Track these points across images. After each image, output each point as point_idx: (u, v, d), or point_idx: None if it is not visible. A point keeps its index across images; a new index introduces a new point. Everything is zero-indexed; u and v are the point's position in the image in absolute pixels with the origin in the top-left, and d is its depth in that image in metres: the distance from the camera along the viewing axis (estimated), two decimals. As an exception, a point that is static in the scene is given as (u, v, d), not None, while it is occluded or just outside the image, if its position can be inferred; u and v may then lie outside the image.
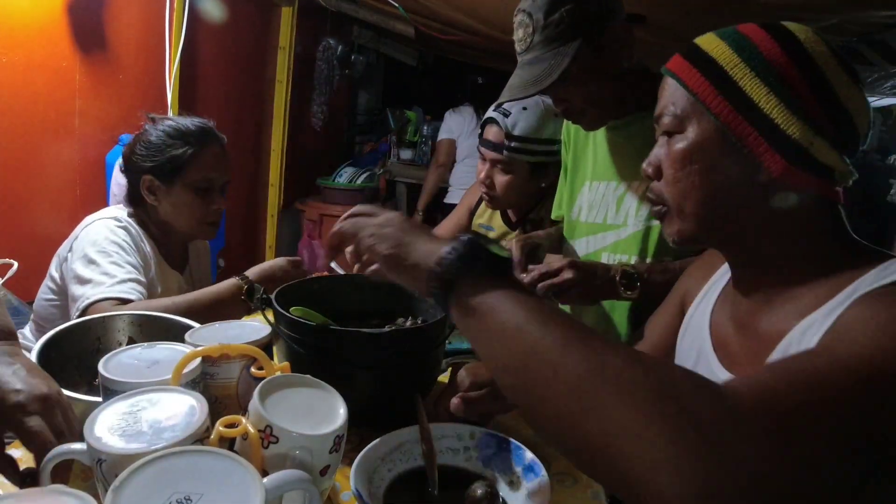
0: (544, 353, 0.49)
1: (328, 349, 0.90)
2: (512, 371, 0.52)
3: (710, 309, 0.83)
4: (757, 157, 0.64)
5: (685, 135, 0.68)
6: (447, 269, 0.58)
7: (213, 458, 0.56)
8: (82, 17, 1.84)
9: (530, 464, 0.78)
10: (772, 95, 0.63)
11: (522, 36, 1.10)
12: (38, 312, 1.41)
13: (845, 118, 0.64)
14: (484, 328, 0.55)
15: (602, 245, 1.26)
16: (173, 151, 1.36)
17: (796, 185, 0.64)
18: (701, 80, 0.67)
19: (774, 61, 0.64)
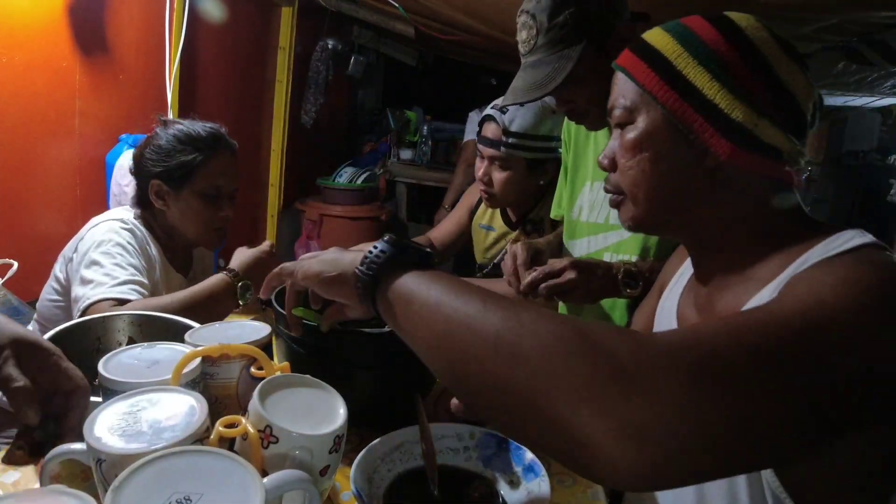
0: (463, 319, 0.51)
1: (328, 349, 0.90)
2: (436, 347, 0.54)
3: (677, 297, 0.85)
4: (704, 143, 0.66)
5: (635, 125, 0.71)
6: (370, 267, 0.62)
7: (213, 458, 0.56)
8: (82, 17, 1.84)
9: (530, 464, 0.78)
10: (714, 81, 0.65)
11: (526, 38, 1.10)
12: (41, 313, 1.41)
13: (789, 100, 0.66)
14: (407, 313, 0.57)
15: (604, 245, 1.26)
16: (183, 157, 1.35)
17: (745, 167, 0.66)
18: (648, 71, 0.69)
19: (716, 49, 0.66)
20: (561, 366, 0.45)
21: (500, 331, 0.48)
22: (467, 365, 0.50)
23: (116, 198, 1.90)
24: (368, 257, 0.63)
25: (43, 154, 1.82)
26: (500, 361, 0.47)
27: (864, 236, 0.62)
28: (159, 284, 1.39)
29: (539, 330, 0.47)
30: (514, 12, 1.14)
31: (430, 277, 0.58)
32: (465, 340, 0.50)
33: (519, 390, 0.46)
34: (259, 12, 2.98)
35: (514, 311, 0.49)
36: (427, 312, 0.55)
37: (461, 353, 0.51)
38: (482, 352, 0.48)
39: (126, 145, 1.97)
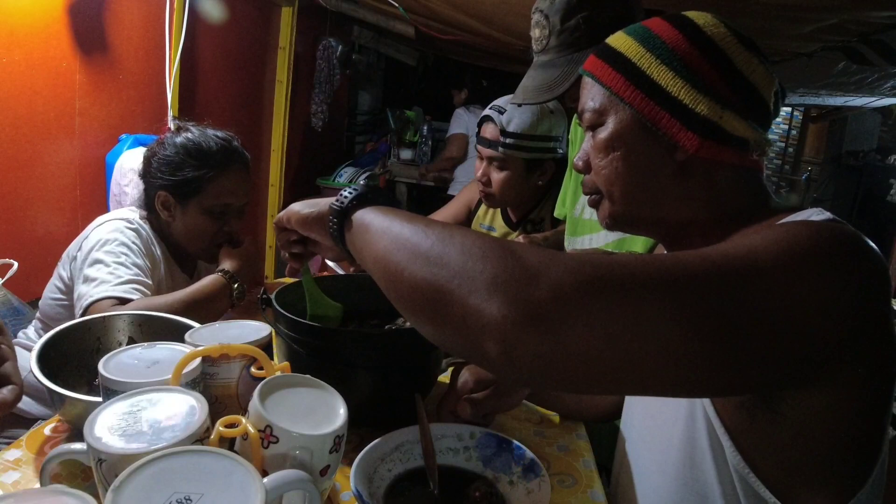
0: (404, 237, 0.58)
1: (328, 349, 0.90)
2: (381, 263, 0.60)
3: None
4: (672, 138, 0.69)
5: (605, 126, 0.73)
6: (341, 202, 0.69)
7: (213, 458, 0.56)
8: (82, 17, 1.84)
9: (530, 464, 0.78)
10: (678, 78, 0.68)
11: (539, 36, 1.10)
12: (44, 311, 1.41)
13: (751, 90, 0.69)
14: (363, 239, 0.64)
15: (605, 242, 1.27)
16: (192, 173, 1.33)
17: (712, 159, 0.68)
18: (613, 74, 0.71)
19: (677, 48, 0.68)
20: (478, 265, 0.50)
21: (433, 244, 0.54)
22: (402, 274, 0.56)
23: (116, 198, 1.90)
24: (341, 197, 0.70)
25: (43, 154, 1.82)
26: (427, 268, 0.53)
27: (821, 213, 0.63)
28: (163, 284, 1.39)
29: (465, 241, 0.53)
30: (513, 12, 1.14)
31: (388, 210, 0.65)
32: (402, 254, 0.56)
33: (438, 287, 0.51)
34: (259, 12, 2.98)
35: (448, 230, 0.56)
36: (377, 235, 0.62)
37: (397, 265, 0.57)
38: (414, 262, 0.55)
39: (126, 145, 1.97)
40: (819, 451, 0.59)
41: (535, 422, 1.01)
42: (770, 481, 0.62)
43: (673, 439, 0.72)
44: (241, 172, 1.42)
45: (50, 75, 1.78)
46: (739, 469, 0.64)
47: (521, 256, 0.50)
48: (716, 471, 0.67)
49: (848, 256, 0.54)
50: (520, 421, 1.01)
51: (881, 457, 0.60)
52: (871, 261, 0.55)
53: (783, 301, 0.51)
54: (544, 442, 0.95)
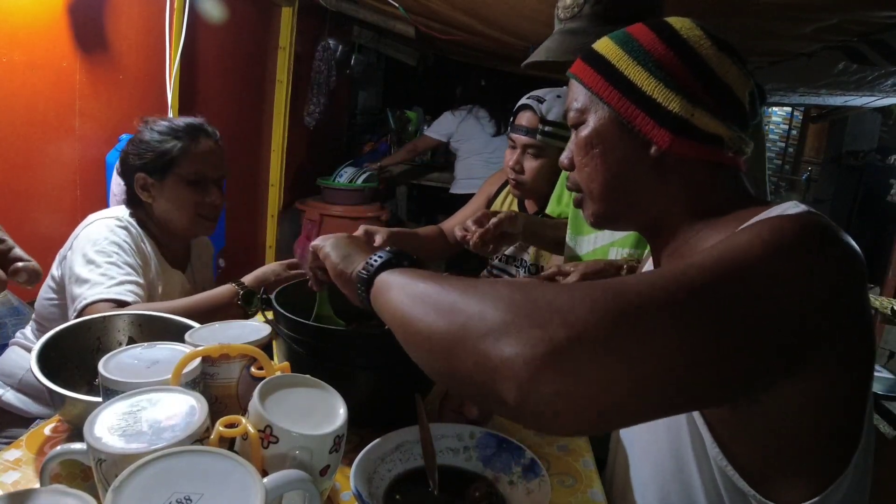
0: (426, 293, 0.58)
1: (328, 349, 0.90)
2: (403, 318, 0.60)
3: None
4: (646, 135, 0.71)
5: (586, 125, 0.76)
6: (367, 270, 0.70)
7: (213, 458, 0.56)
8: (82, 17, 1.84)
9: (530, 464, 0.78)
10: (651, 78, 0.71)
11: (571, 3, 1.11)
12: (38, 312, 1.41)
13: (725, 90, 0.71)
14: (388, 297, 0.65)
15: (611, 240, 1.27)
16: (164, 147, 1.37)
17: (686, 155, 0.71)
18: (594, 75, 0.75)
19: (653, 49, 0.72)
20: (489, 308, 0.50)
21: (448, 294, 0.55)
22: (416, 324, 0.57)
23: (116, 198, 1.90)
24: (368, 262, 0.71)
25: (43, 154, 1.82)
26: (440, 316, 0.54)
27: (797, 206, 0.64)
28: (155, 282, 1.39)
29: (481, 288, 0.53)
30: (514, 13, 1.14)
31: (411, 270, 0.67)
32: (418, 307, 0.58)
33: (451, 332, 0.52)
34: (259, 12, 2.98)
35: (469, 282, 0.56)
36: (396, 292, 0.63)
37: (412, 317, 0.58)
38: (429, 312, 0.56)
39: (126, 145, 1.97)
40: (795, 440, 0.60)
41: (535, 422, 1.01)
42: (747, 471, 0.64)
43: (658, 432, 0.74)
44: (212, 145, 1.43)
45: (50, 75, 1.78)
46: (718, 461, 0.65)
47: (532, 295, 0.49)
48: (696, 462, 0.68)
49: (822, 245, 0.56)
50: (520, 421, 1.01)
51: (860, 444, 0.61)
52: (844, 248, 0.57)
53: (771, 296, 0.52)
54: (544, 442, 0.95)
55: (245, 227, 3.23)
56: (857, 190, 5.65)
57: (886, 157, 5.56)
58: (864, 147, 5.80)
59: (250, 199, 3.25)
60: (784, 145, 6.26)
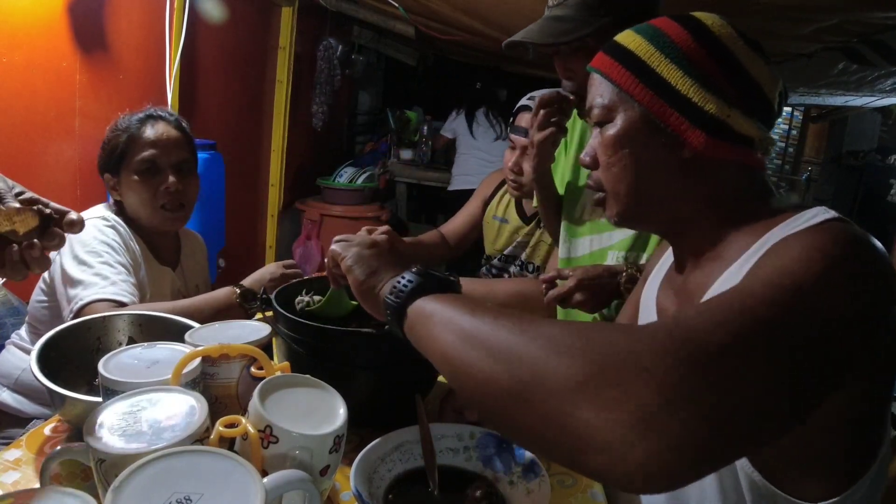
0: (478, 333, 0.53)
1: (328, 349, 0.90)
2: (452, 359, 0.55)
3: (657, 287, 0.88)
4: (680, 135, 0.69)
5: (614, 123, 0.74)
6: (398, 296, 0.65)
7: (213, 458, 0.56)
8: (82, 17, 1.84)
9: (530, 464, 0.78)
10: (687, 77, 0.69)
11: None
12: (31, 314, 1.41)
13: (756, 90, 0.70)
14: (425, 331, 0.60)
15: (608, 244, 1.26)
16: (114, 141, 1.37)
17: (719, 156, 0.69)
18: (622, 71, 0.72)
19: (686, 47, 0.69)
20: (558, 363, 0.46)
21: (505, 337, 0.50)
22: (472, 371, 0.52)
23: (116, 198, 1.90)
24: (396, 287, 0.65)
25: (43, 154, 1.82)
26: (500, 364, 0.49)
27: (826, 212, 0.64)
28: (145, 279, 1.38)
29: (540, 332, 0.49)
30: (513, 13, 1.14)
31: (449, 299, 0.61)
32: (471, 350, 0.52)
33: (518, 391, 0.47)
34: (259, 12, 2.98)
35: (519, 320, 0.51)
36: (441, 328, 0.58)
37: (466, 362, 0.53)
38: (485, 358, 0.50)
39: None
40: (820, 444, 0.60)
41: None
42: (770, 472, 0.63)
43: None
44: (161, 128, 1.39)
45: (50, 75, 1.78)
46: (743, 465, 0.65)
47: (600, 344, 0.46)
48: None
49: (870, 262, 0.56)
50: (520, 421, 1.01)
51: (881, 451, 0.61)
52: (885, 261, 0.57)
53: (834, 318, 0.51)
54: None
55: (245, 227, 3.23)
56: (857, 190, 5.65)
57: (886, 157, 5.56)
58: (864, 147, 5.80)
59: (250, 199, 3.25)
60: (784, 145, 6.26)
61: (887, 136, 5.90)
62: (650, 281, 0.92)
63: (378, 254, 0.76)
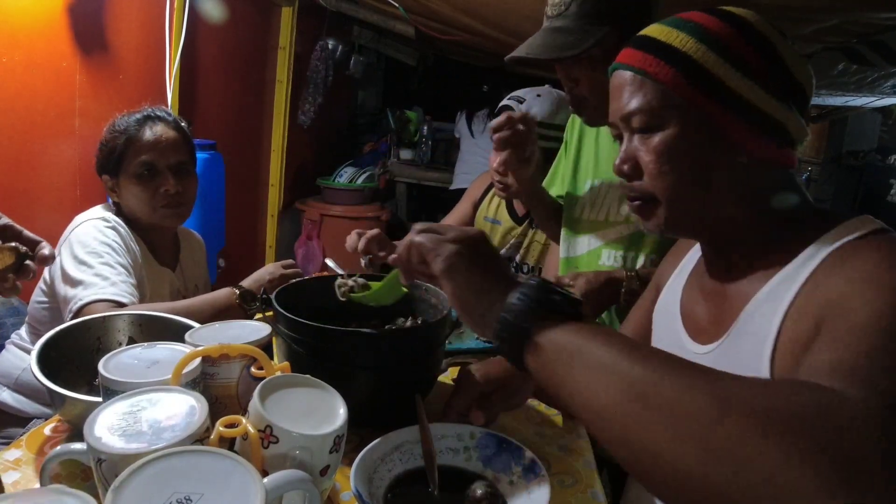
0: (658, 395, 0.43)
1: (328, 349, 0.90)
2: (614, 414, 0.45)
3: (680, 287, 0.86)
4: (737, 140, 0.67)
5: (664, 128, 0.69)
6: (518, 317, 0.53)
7: (213, 458, 0.56)
8: (82, 17, 1.84)
9: (530, 464, 0.77)
10: (745, 80, 0.65)
11: (559, 1, 1.10)
12: (31, 314, 1.41)
13: (800, 90, 0.68)
14: (571, 372, 0.49)
15: (604, 241, 1.26)
16: (112, 144, 1.37)
17: (770, 159, 0.68)
18: (671, 72, 0.67)
19: (736, 46, 0.66)
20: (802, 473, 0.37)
21: (702, 408, 0.41)
22: (660, 456, 0.42)
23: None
24: (516, 305, 0.54)
25: (43, 154, 1.82)
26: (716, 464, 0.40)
27: (874, 222, 0.64)
28: (144, 281, 1.38)
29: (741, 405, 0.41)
30: (514, 13, 1.14)
31: (595, 333, 0.51)
32: (656, 422, 0.43)
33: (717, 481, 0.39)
34: (259, 12, 2.98)
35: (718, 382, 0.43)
36: (595, 373, 0.48)
37: (647, 439, 0.43)
38: (681, 441, 0.41)
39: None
40: None
41: (535, 422, 1.01)
42: None
43: None
44: (159, 129, 1.39)
45: (50, 75, 1.78)
46: None
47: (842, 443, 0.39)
48: None
49: None
50: (520, 421, 1.01)
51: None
52: None
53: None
54: (544, 442, 0.95)
55: (245, 227, 3.23)
56: (857, 190, 5.65)
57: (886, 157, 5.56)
58: (864, 147, 5.80)
59: (250, 199, 3.25)
60: (784, 145, 6.25)
61: (887, 136, 5.90)
62: (668, 286, 0.90)
63: (484, 256, 0.61)
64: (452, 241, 0.62)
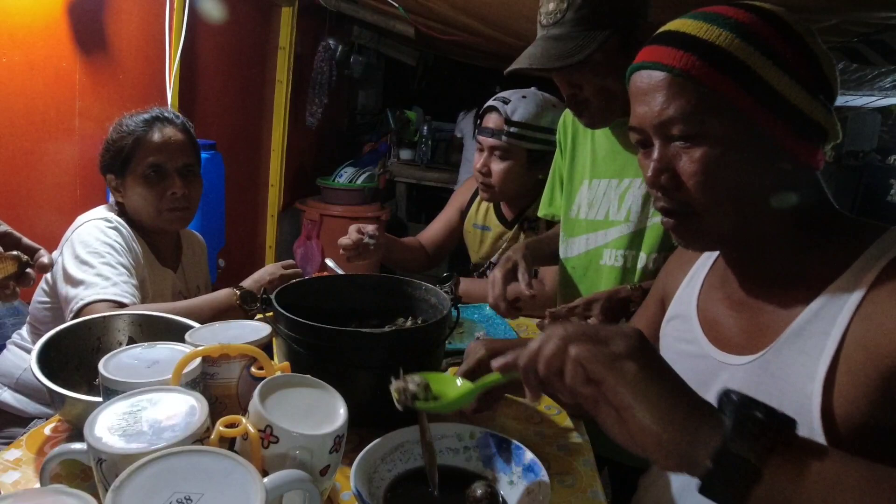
0: None
1: (328, 349, 0.90)
2: None
3: (694, 296, 0.83)
4: (784, 145, 0.63)
5: (709, 138, 0.63)
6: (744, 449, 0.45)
7: (213, 458, 0.56)
8: (82, 17, 1.84)
9: (530, 464, 0.77)
10: (793, 83, 0.61)
11: (553, 9, 1.09)
12: (33, 315, 1.41)
13: (830, 87, 0.65)
14: None
15: (604, 242, 1.26)
16: (119, 143, 1.37)
17: (813, 165, 0.65)
18: (718, 76, 0.62)
19: (778, 45, 0.62)
20: None
21: None
22: None
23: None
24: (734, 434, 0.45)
25: (43, 154, 1.82)
26: None
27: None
28: (146, 281, 1.38)
29: None
30: (513, 13, 1.14)
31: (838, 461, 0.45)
32: None
33: None
34: (259, 12, 2.98)
35: None
36: None
37: None
38: None
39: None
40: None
41: (535, 422, 1.01)
42: None
43: None
44: (168, 132, 1.39)
45: (50, 75, 1.78)
46: None
47: None
48: None
49: None
50: (520, 421, 1.01)
51: None
52: None
53: None
54: (544, 442, 0.95)
55: (245, 227, 3.23)
56: (857, 190, 5.65)
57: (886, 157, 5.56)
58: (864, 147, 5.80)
59: (250, 199, 3.25)
60: (784, 145, 6.25)
61: (887, 136, 5.90)
62: (680, 297, 0.86)
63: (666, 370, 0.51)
64: (628, 357, 0.49)
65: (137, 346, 0.82)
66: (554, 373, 0.52)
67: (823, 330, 0.63)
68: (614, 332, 0.51)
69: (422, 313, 1.12)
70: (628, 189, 1.21)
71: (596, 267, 1.28)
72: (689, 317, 0.83)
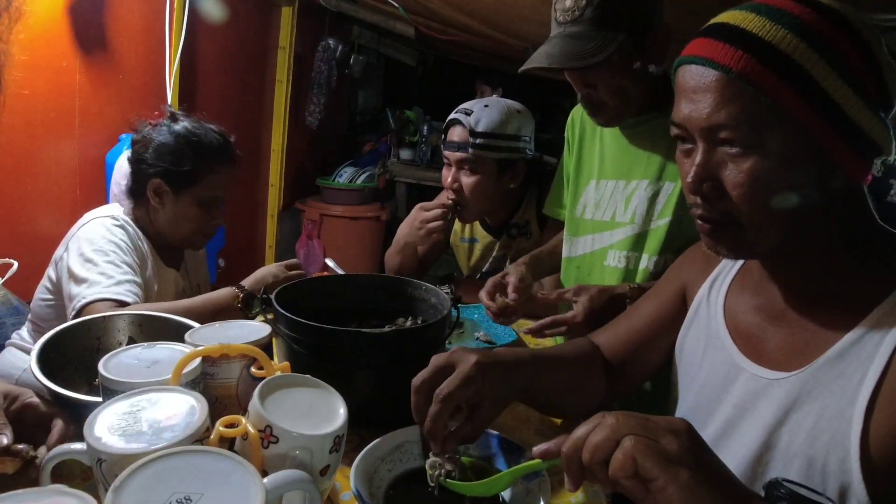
0: None
1: (328, 349, 0.90)
2: None
3: (721, 299, 0.80)
4: (839, 164, 0.59)
5: (761, 148, 0.59)
6: None
7: (213, 458, 0.56)
8: (82, 17, 1.84)
9: (530, 464, 0.77)
10: (856, 97, 0.57)
11: (571, 6, 1.07)
12: (35, 313, 1.41)
13: (889, 99, 0.60)
14: None
15: (609, 242, 1.26)
16: (190, 163, 1.35)
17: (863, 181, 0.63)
18: (777, 82, 0.57)
19: (843, 51, 0.57)
20: None
21: None
22: None
23: (116, 198, 1.89)
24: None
25: (43, 154, 1.82)
26: None
27: None
28: (151, 280, 1.38)
29: None
30: (513, 13, 1.13)
31: None
32: None
33: None
34: (259, 12, 2.98)
35: None
36: None
37: None
38: None
39: (126, 145, 1.97)
40: None
41: (535, 422, 1.01)
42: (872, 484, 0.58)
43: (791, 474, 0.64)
44: (233, 169, 1.44)
45: (50, 75, 1.78)
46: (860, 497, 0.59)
47: None
48: None
49: None
50: (520, 421, 1.01)
51: None
52: None
53: None
54: (544, 442, 0.95)
55: (245, 227, 3.23)
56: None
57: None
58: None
59: (250, 199, 3.25)
60: (784, 145, 6.25)
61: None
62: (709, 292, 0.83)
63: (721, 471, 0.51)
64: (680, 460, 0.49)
65: (137, 346, 0.82)
66: (597, 462, 0.52)
67: (868, 354, 0.61)
68: (665, 428, 0.51)
69: (422, 313, 1.12)
70: (635, 191, 1.21)
71: (600, 267, 1.28)
72: (715, 321, 0.80)
